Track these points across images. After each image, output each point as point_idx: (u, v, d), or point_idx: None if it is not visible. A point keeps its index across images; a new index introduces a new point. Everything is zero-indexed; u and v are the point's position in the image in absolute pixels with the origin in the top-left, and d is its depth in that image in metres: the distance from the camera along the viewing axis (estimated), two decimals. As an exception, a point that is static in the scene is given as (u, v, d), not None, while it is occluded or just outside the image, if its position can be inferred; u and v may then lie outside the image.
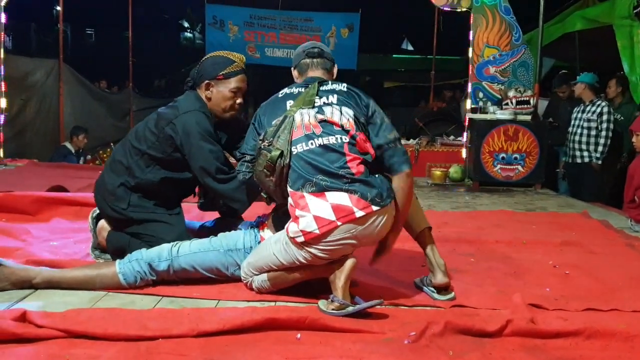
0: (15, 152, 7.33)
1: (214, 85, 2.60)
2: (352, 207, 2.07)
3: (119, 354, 1.68)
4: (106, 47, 15.45)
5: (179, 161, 2.56)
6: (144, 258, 2.31)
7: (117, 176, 2.60)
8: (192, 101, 2.61)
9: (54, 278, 2.26)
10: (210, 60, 2.66)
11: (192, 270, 2.33)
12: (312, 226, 2.06)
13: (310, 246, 2.09)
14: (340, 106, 2.26)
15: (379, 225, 2.12)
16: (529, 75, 6.20)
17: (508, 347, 1.84)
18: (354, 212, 2.07)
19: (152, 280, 2.31)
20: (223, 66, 2.60)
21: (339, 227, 2.05)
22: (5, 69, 6.76)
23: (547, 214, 4.43)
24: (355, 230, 2.07)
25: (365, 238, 2.13)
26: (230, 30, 11.50)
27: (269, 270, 2.23)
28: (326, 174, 2.12)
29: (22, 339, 1.74)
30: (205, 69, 2.63)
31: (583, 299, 2.29)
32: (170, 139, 2.53)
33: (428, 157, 7.08)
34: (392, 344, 1.81)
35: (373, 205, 2.09)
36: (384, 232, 2.18)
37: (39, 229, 3.23)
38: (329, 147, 2.16)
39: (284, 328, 1.89)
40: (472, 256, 2.99)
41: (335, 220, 2.06)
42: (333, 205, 2.08)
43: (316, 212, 2.07)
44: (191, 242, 2.40)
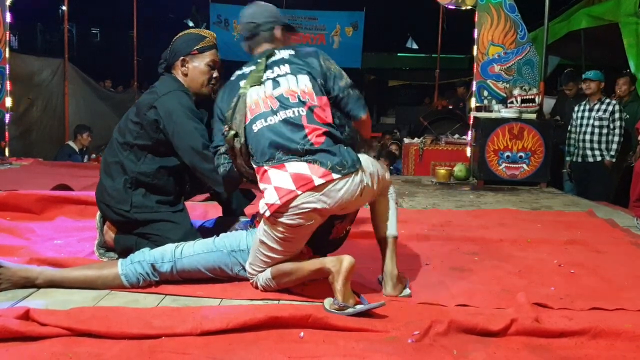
0: (20, 151, 7.36)
1: (189, 60, 2.64)
2: (310, 175, 2.08)
3: (122, 352, 1.68)
4: (111, 47, 15.51)
5: (168, 144, 2.55)
6: (147, 259, 2.30)
7: (113, 177, 2.59)
8: (170, 83, 2.63)
9: (56, 278, 2.26)
10: (182, 38, 2.70)
11: (195, 271, 2.32)
12: (273, 197, 2.07)
13: (277, 220, 2.09)
14: (295, 74, 2.26)
15: (343, 191, 2.08)
16: (534, 74, 6.17)
17: (512, 346, 1.83)
18: (313, 180, 2.07)
19: (154, 282, 2.30)
20: (196, 42, 2.65)
21: (299, 196, 2.05)
22: (12, 68, 6.79)
23: (552, 212, 4.40)
24: (316, 197, 2.06)
25: (333, 206, 2.09)
26: (235, 29, 11.52)
27: (266, 261, 2.21)
28: (286, 147, 2.13)
29: (25, 337, 1.73)
30: (179, 46, 2.67)
31: (588, 298, 2.27)
32: (154, 123, 2.52)
33: (432, 155, 7.07)
34: (395, 343, 1.80)
35: (333, 172, 2.08)
36: (356, 200, 2.14)
37: (43, 228, 3.23)
38: (288, 121, 2.17)
39: (287, 326, 1.88)
40: (476, 255, 2.98)
41: (295, 190, 2.06)
42: (292, 174, 2.09)
43: (277, 183, 2.09)
44: (195, 243, 2.39)
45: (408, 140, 7.78)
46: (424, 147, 7.16)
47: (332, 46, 11.81)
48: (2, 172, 5.77)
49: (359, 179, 2.13)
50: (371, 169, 2.20)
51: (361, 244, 2.98)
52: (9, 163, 6.34)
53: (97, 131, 8.18)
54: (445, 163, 6.58)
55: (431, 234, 3.40)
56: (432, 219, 3.93)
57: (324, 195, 2.07)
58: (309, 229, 2.14)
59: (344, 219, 2.35)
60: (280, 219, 2.09)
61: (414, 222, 3.73)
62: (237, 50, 10.41)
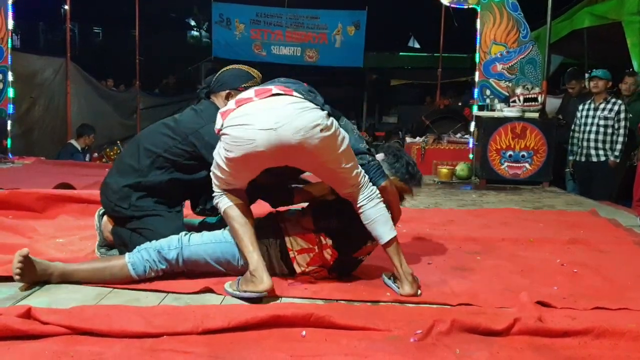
0: (22, 150, 7.37)
1: (234, 95, 2.60)
2: (272, 88, 2.14)
3: (124, 351, 1.68)
4: (113, 46, 15.52)
5: (193, 166, 2.58)
6: (153, 246, 2.31)
7: (124, 177, 2.60)
8: (215, 112, 2.61)
9: (67, 272, 2.27)
10: (233, 71, 2.75)
11: (201, 261, 2.32)
12: (230, 105, 2.14)
13: (223, 129, 2.11)
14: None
15: (298, 112, 2.04)
16: (536, 73, 6.17)
17: (516, 345, 1.82)
18: (272, 90, 2.12)
19: (162, 271, 2.29)
20: (245, 79, 2.69)
21: (254, 101, 2.10)
22: (14, 67, 6.80)
23: (555, 212, 4.39)
24: (271, 106, 2.07)
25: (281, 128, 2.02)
26: (237, 28, 11.51)
27: (219, 177, 2.23)
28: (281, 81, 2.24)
29: (27, 336, 1.73)
30: (228, 79, 2.71)
31: (591, 298, 2.26)
32: (192, 146, 2.55)
33: (435, 154, 7.07)
34: (398, 342, 1.80)
35: (295, 92, 2.13)
36: (310, 140, 2.04)
37: (45, 226, 3.23)
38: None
39: (289, 325, 1.88)
40: (479, 254, 2.97)
41: (253, 97, 2.12)
42: (256, 89, 2.18)
43: (239, 96, 2.17)
44: (203, 233, 2.39)
45: (410, 140, 7.77)
46: (426, 147, 7.15)
47: (334, 45, 11.79)
48: (4, 170, 5.78)
49: (321, 114, 2.09)
50: (340, 133, 2.14)
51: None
52: (11, 162, 6.35)
53: (99, 130, 8.18)
54: (448, 162, 6.57)
55: (433, 233, 3.40)
56: (434, 218, 3.92)
57: (276, 110, 2.07)
58: (252, 156, 2.09)
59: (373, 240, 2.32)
60: (227, 129, 2.10)
61: (416, 221, 3.73)
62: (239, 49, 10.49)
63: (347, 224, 2.32)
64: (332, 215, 2.35)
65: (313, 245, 2.34)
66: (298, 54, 11.67)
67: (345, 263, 2.41)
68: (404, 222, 3.61)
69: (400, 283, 2.27)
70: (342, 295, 2.21)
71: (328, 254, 2.34)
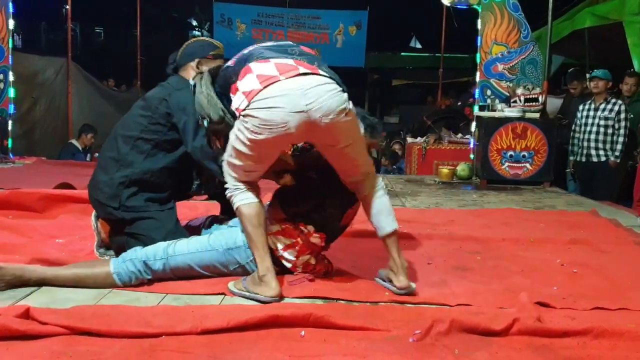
0: (23, 150, 7.38)
1: (204, 63, 2.69)
2: (296, 66, 2.06)
3: (123, 351, 1.68)
4: (114, 46, 15.51)
5: (174, 141, 2.57)
6: (139, 257, 2.27)
7: (108, 173, 2.57)
8: (183, 81, 2.66)
9: (47, 277, 2.22)
10: (198, 42, 2.84)
11: (188, 269, 2.30)
12: (253, 84, 2.02)
13: (252, 114, 2.00)
14: None
15: (327, 95, 2.00)
16: (537, 73, 6.16)
17: (515, 346, 1.82)
18: (298, 69, 2.04)
19: (147, 280, 2.27)
20: (212, 48, 2.77)
21: (281, 81, 2.00)
22: (16, 67, 6.80)
23: (556, 212, 4.39)
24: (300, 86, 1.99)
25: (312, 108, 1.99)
26: (238, 28, 11.53)
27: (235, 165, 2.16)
28: (272, 49, 2.15)
29: (26, 336, 1.73)
30: (195, 49, 2.75)
31: (591, 298, 2.26)
32: (165, 116, 2.55)
33: (435, 155, 7.07)
34: (397, 342, 1.79)
35: (320, 69, 2.08)
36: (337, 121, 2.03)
37: (45, 226, 3.23)
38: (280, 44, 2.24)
39: (288, 325, 1.88)
40: (479, 254, 2.97)
41: (278, 75, 2.02)
42: (277, 64, 2.06)
43: (259, 71, 2.05)
44: (189, 240, 2.36)
45: (411, 140, 7.77)
46: (427, 147, 7.15)
47: (335, 45, 11.81)
48: (5, 170, 5.79)
49: (345, 97, 2.07)
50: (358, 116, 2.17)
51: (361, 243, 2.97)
52: (12, 162, 6.36)
53: (100, 130, 8.17)
54: (448, 162, 6.57)
55: (434, 233, 3.39)
56: (435, 218, 3.92)
57: (306, 93, 2.00)
58: (280, 138, 2.05)
59: (353, 204, 2.37)
60: (255, 112, 2.00)
61: (416, 221, 3.73)
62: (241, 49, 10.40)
63: (317, 203, 2.32)
64: (298, 200, 2.34)
65: (295, 238, 2.31)
66: (299, 55, 11.67)
67: (333, 236, 2.43)
68: (404, 222, 3.61)
69: (396, 275, 2.26)
70: (341, 295, 2.21)
71: (316, 239, 2.32)
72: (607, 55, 7.52)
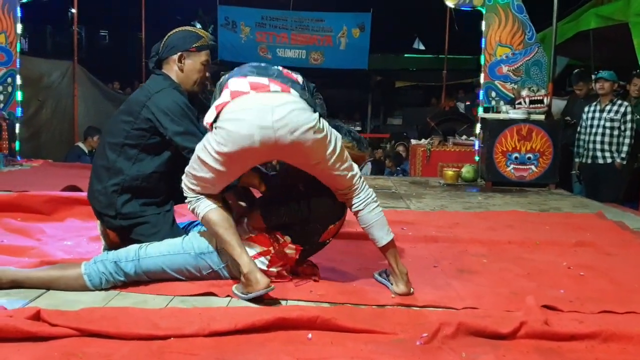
0: (30, 152, 7.41)
1: (186, 57, 2.62)
2: (268, 84, 2.11)
3: (132, 353, 1.69)
4: (119, 48, 15.56)
5: (157, 145, 2.53)
6: (110, 258, 2.26)
7: (101, 182, 2.56)
8: (161, 81, 2.60)
9: (18, 278, 2.21)
10: (180, 33, 2.67)
11: (160, 272, 2.28)
12: (226, 98, 2.09)
13: (218, 122, 2.06)
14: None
15: (296, 112, 2.04)
16: (542, 74, 6.15)
17: (522, 349, 1.82)
18: (269, 87, 2.09)
19: (120, 282, 2.25)
20: (195, 39, 2.64)
21: (250, 94, 2.07)
22: (22, 70, 6.84)
23: (561, 214, 4.38)
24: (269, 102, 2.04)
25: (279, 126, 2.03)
26: (242, 31, 11.55)
27: (197, 176, 2.18)
28: (257, 69, 2.20)
29: (36, 338, 1.74)
30: (177, 42, 2.64)
31: (598, 301, 2.26)
32: (147, 122, 2.49)
33: (440, 156, 7.07)
34: (403, 345, 1.80)
35: (292, 89, 2.11)
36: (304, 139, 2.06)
37: (53, 228, 3.26)
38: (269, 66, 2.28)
39: (295, 328, 1.88)
40: (485, 257, 2.97)
41: (249, 91, 2.08)
42: (251, 82, 2.12)
43: (233, 87, 2.11)
44: (162, 243, 2.34)
45: (415, 142, 7.77)
46: (431, 148, 7.14)
47: (338, 47, 11.82)
48: (12, 173, 5.82)
49: (314, 116, 2.09)
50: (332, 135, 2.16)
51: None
52: (19, 164, 6.39)
53: (106, 132, 8.22)
54: (453, 164, 6.56)
55: (439, 235, 3.39)
56: (440, 220, 3.92)
57: (270, 109, 2.04)
58: (245, 152, 2.07)
59: (336, 221, 2.36)
60: (222, 123, 2.06)
61: (421, 223, 3.73)
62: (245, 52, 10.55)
63: (300, 215, 2.29)
64: (281, 211, 2.30)
65: (268, 246, 2.30)
66: (303, 57, 11.70)
67: (311, 251, 2.41)
68: (409, 225, 3.62)
69: (395, 282, 2.30)
70: (347, 299, 2.21)
71: (291, 250, 2.31)
72: (612, 57, 7.50)
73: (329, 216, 2.34)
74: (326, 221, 2.34)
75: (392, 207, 4.40)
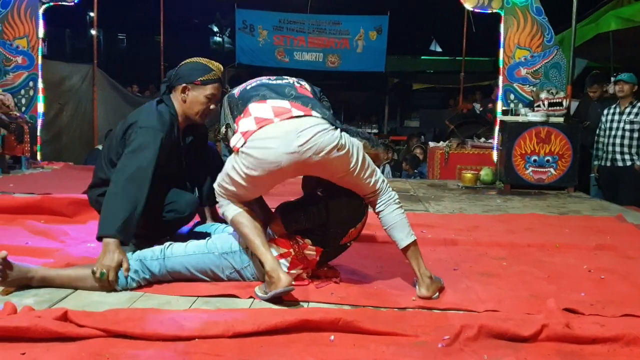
0: (50, 155, 7.53)
1: (190, 89, 2.67)
2: (290, 108, 2.17)
3: (157, 353, 1.72)
4: (138, 52, 15.73)
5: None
6: (135, 257, 2.32)
7: (95, 190, 2.67)
8: (154, 117, 2.61)
9: (49, 276, 2.28)
10: (190, 65, 2.72)
11: (185, 272, 2.34)
12: (250, 126, 2.15)
13: (244, 149, 2.13)
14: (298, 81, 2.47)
15: (319, 134, 2.10)
16: (561, 77, 6.12)
17: (543, 352, 1.82)
18: (292, 111, 2.15)
19: (145, 280, 2.31)
20: (202, 73, 2.67)
21: (275, 123, 2.12)
22: (43, 74, 6.95)
23: (581, 217, 4.35)
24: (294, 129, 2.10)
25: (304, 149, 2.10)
26: (260, 34, 11.60)
27: (229, 189, 2.26)
28: (271, 89, 2.25)
29: (64, 338, 1.78)
30: (184, 73, 2.69)
31: (620, 305, 2.25)
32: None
33: (458, 159, 7.04)
34: (425, 348, 1.81)
35: (313, 111, 2.16)
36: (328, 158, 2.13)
37: (76, 231, 3.30)
38: (280, 83, 2.34)
39: (318, 330, 1.90)
40: (504, 260, 2.97)
41: (273, 118, 2.14)
42: (273, 107, 2.18)
43: (256, 113, 2.17)
44: (187, 243, 2.40)
45: (433, 144, 7.75)
46: (449, 151, 7.12)
47: (355, 50, 11.83)
48: (34, 175, 5.92)
49: (337, 134, 2.15)
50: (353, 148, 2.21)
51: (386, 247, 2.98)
52: (40, 167, 6.49)
53: (125, 135, 8.31)
54: (472, 167, 6.55)
55: (459, 238, 3.39)
56: (459, 223, 3.92)
57: (297, 134, 2.10)
58: (273, 174, 2.16)
59: (357, 224, 2.37)
60: (250, 150, 2.13)
61: (441, 226, 3.73)
62: (263, 56, 10.58)
63: (320, 220, 2.31)
64: (301, 216, 2.33)
65: (289, 248, 2.33)
66: (320, 60, 11.73)
67: (331, 253, 2.44)
68: (429, 228, 3.62)
69: (418, 285, 2.31)
70: (368, 301, 2.23)
71: (311, 252, 2.33)
72: (632, 58, 7.42)
73: (349, 220, 2.36)
74: (346, 225, 2.36)
75: (411, 210, 4.40)
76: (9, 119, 6.32)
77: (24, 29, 6.75)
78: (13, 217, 3.55)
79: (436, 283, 2.33)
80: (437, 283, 2.34)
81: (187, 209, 2.72)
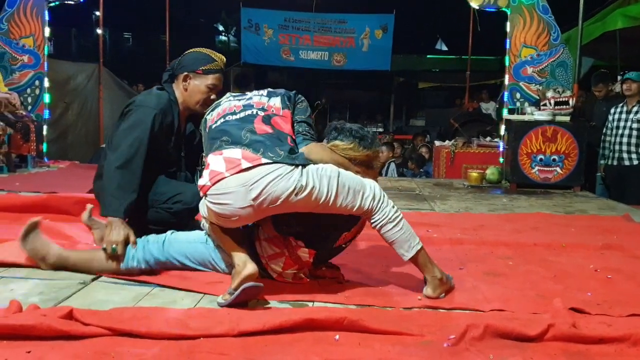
0: (56, 154, 7.56)
1: (192, 78, 2.71)
2: (240, 159, 2.13)
3: (162, 352, 1.72)
4: (143, 51, 15.77)
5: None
6: (140, 240, 2.43)
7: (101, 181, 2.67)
8: (152, 98, 2.69)
9: (64, 254, 2.45)
10: (193, 54, 2.76)
11: (183, 258, 2.41)
12: (205, 180, 2.15)
13: (205, 201, 2.17)
14: (269, 97, 2.41)
15: (271, 180, 2.06)
16: (567, 76, 6.09)
17: (550, 352, 1.81)
18: (241, 164, 2.11)
19: (145, 263, 2.39)
20: (204, 62, 2.71)
21: (226, 178, 2.10)
22: (49, 73, 6.98)
23: (587, 216, 4.34)
24: (243, 183, 2.08)
25: (259, 197, 2.07)
26: (265, 33, 11.60)
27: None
28: (230, 134, 2.22)
29: (69, 336, 1.78)
30: (187, 62, 2.73)
31: (627, 304, 2.23)
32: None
33: (464, 158, 7.03)
34: (431, 347, 1.80)
35: (263, 157, 2.11)
36: (289, 200, 2.08)
37: (81, 229, 3.30)
38: (243, 118, 2.28)
39: (323, 329, 1.90)
40: (510, 259, 2.95)
41: (224, 172, 2.12)
42: (225, 158, 2.15)
43: (212, 166, 2.17)
44: (190, 232, 2.48)
45: (439, 143, 7.73)
46: (455, 150, 7.11)
47: (361, 49, 11.81)
48: (40, 174, 5.94)
49: (294, 178, 2.08)
50: (322, 181, 2.11)
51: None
52: (47, 166, 6.52)
53: (131, 134, 8.33)
54: (477, 166, 6.53)
55: (464, 238, 3.38)
56: (465, 222, 3.90)
57: (248, 183, 2.07)
58: (239, 221, 2.18)
59: (351, 228, 2.33)
60: (209, 205, 2.15)
61: (446, 226, 3.72)
62: (268, 55, 10.60)
63: (312, 224, 2.27)
64: (291, 220, 2.27)
65: (282, 249, 2.31)
66: (325, 59, 11.71)
67: (326, 255, 2.42)
68: (434, 227, 3.61)
69: (426, 285, 2.31)
70: (374, 301, 2.22)
71: (305, 254, 2.30)
72: (638, 57, 7.38)
73: (342, 225, 2.31)
74: (339, 229, 2.33)
75: (416, 209, 4.40)
76: (15, 117, 6.35)
77: (30, 28, 6.77)
78: (19, 216, 3.55)
79: (445, 285, 2.31)
80: (446, 285, 2.31)
81: (194, 199, 2.72)
